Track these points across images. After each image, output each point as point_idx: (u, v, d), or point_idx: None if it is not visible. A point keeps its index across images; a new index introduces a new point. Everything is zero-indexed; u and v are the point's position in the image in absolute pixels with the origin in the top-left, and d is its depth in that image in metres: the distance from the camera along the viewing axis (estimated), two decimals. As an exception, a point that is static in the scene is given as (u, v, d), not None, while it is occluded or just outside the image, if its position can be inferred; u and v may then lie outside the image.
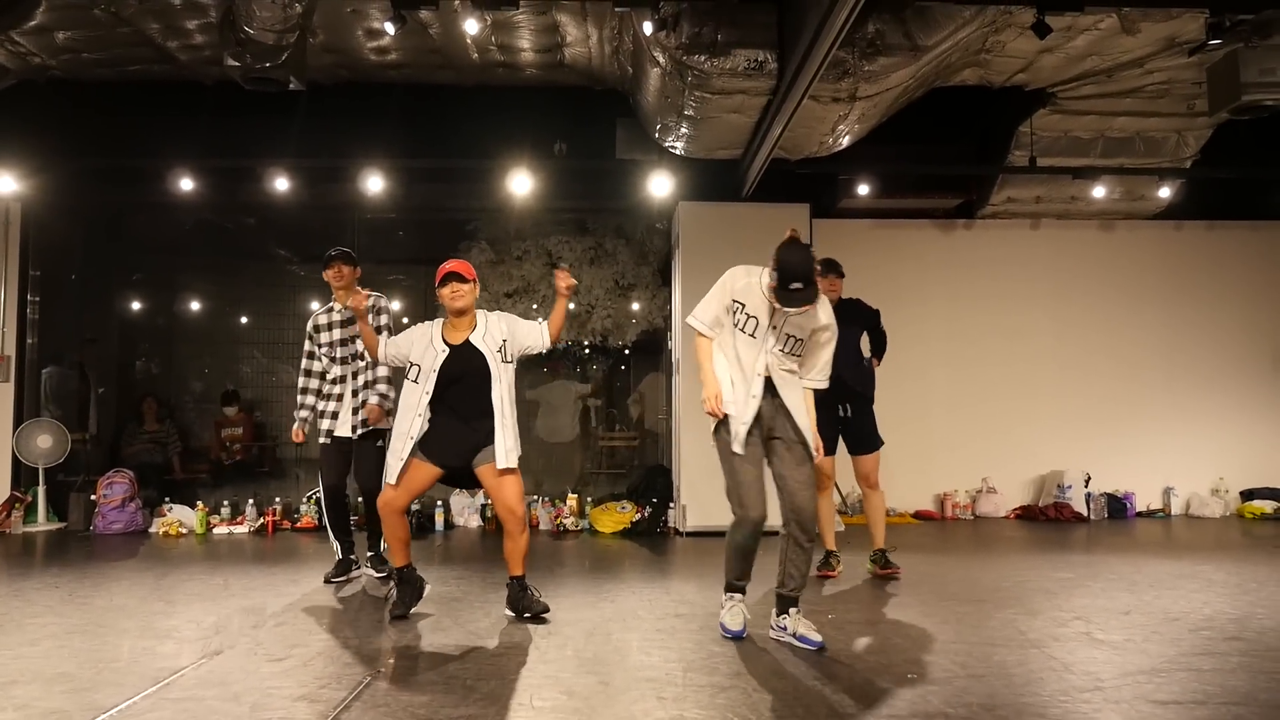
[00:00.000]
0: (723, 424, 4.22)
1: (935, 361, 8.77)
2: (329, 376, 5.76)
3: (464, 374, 4.58)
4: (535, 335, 4.76)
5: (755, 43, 5.92)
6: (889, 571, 5.86)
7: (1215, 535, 7.64)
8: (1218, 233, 9.11)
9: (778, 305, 4.03)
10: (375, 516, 5.78)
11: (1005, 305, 8.97)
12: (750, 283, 4.19)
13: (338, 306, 5.75)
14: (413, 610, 4.77)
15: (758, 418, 4.18)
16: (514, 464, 4.58)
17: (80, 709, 3.31)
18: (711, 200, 7.78)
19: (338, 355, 5.70)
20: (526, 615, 4.64)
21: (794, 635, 4.16)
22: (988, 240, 9.01)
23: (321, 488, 5.83)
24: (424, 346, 4.65)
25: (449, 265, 4.67)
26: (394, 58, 7.33)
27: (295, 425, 5.82)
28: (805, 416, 4.23)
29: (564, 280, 4.65)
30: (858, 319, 6.10)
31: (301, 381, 5.85)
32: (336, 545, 5.76)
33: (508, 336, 4.68)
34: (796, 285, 3.93)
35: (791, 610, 4.22)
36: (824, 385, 4.34)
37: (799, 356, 4.26)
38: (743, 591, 4.39)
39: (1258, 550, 6.88)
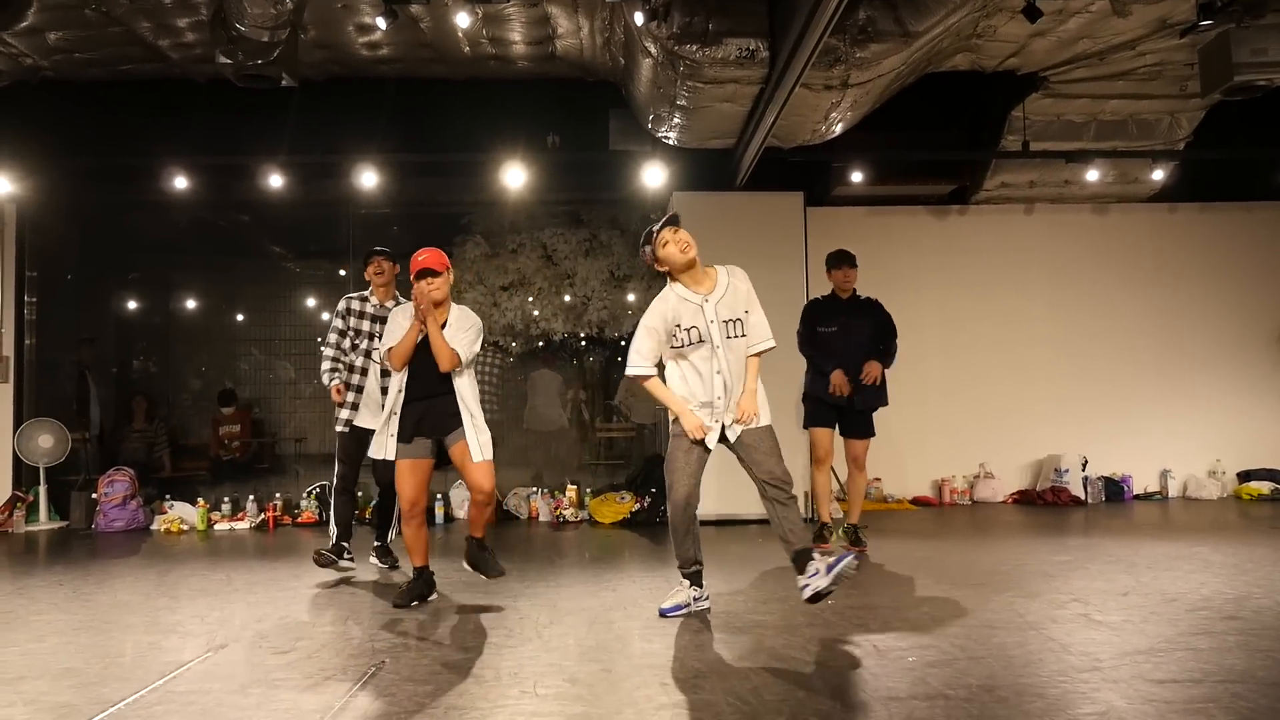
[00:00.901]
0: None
1: (931, 348, 8.78)
2: (353, 364, 5.77)
3: (428, 356, 4.67)
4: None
5: (747, 31, 5.92)
6: (857, 549, 6.08)
7: (1212, 517, 7.68)
8: (1211, 214, 9.13)
9: (671, 237, 4.46)
10: (387, 509, 5.86)
11: (1000, 290, 8.98)
12: (677, 301, 4.44)
13: (373, 300, 5.80)
14: (412, 604, 4.82)
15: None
16: (489, 456, 4.75)
17: (88, 703, 3.34)
18: (705, 190, 7.79)
19: (364, 346, 5.74)
20: (480, 573, 4.88)
21: (828, 570, 4.08)
22: (982, 226, 9.03)
23: (335, 475, 5.84)
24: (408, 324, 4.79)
25: (423, 260, 4.73)
26: (385, 52, 7.33)
27: (333, 384, 5.76)
28: (751, 389, 4.44)
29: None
30: (869, 315, 6.21)
31: (329, 351, 5.82)
32: (334, 530, 5.77)
33: (463, 344, 4.77)
34: (669, 215, 4.56)
35: (815, 556, 4.21)
36: (768, 346, 4.50)
37: (744, 337, 4.44)
38: (694, 580, 4.59)
39: (1255, 531, 6.92)
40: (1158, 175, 8.45)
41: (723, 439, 4.43)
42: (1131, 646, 3.85)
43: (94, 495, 7.94)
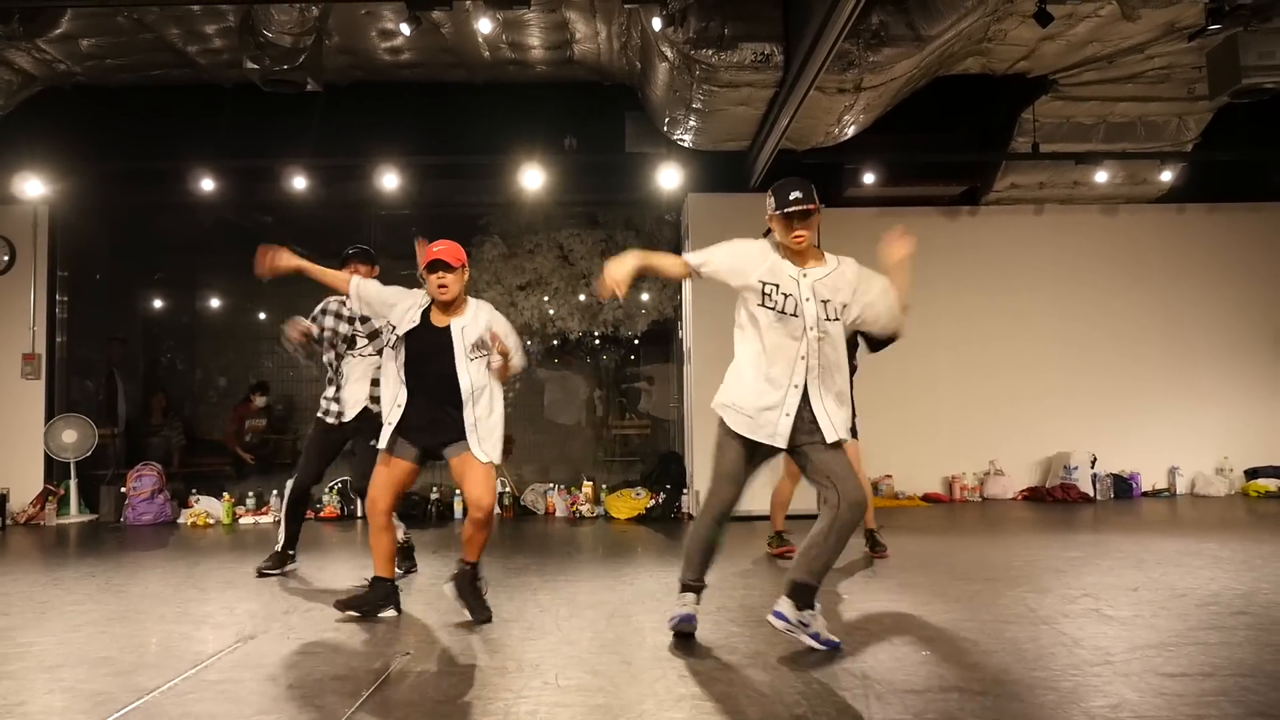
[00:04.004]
0: (731, 413, 3.95)
1: (942, 347, 8.86)
2: (329, 362, 5.70)
3: (433, 354, 4.26)
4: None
5: (762, 36, 6.01)
6: (878, 555, 5.89)
7: (1220, 513, 7.73)
8: (1219, 215, 9.18)
9: (784, 224, 3.86)
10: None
11: (1010, 291, 9.05)
12: (773, 261, 3.90)
13: (349, 303, 5.76)
14: (364, 610, 4.45)
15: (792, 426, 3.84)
16: (494, 459, 4.31)
17: (124, 691, 3.42)
18: (720, 191, 7.87)
19: (336, 344, 5.67)
20: (465, 610, 4.39)
21: (812, 635, 3.82)
22: (992, 226, 9.10)
23: (296, 475, 5.69)
24: (404, 313, 4.37)
25: (435, 250, 4.25)
26: (407, 57, 7.45)
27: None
28: (843, 410, 3.91)
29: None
30: None
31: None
32: (281, 536, 5.67)
33: (485, 336, 4.33)
34: (796, 194, 3.82)
35: (814, 611, 3.87)
36: (898, 324, 3.96)
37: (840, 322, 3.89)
38: (696, 592, 4.10)
39: (1262, 528, 6.98)
40: (1166, 176, 8.51)
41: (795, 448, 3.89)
42: (1142, 641, 3.89)
43: (122, 489, 8.09)
